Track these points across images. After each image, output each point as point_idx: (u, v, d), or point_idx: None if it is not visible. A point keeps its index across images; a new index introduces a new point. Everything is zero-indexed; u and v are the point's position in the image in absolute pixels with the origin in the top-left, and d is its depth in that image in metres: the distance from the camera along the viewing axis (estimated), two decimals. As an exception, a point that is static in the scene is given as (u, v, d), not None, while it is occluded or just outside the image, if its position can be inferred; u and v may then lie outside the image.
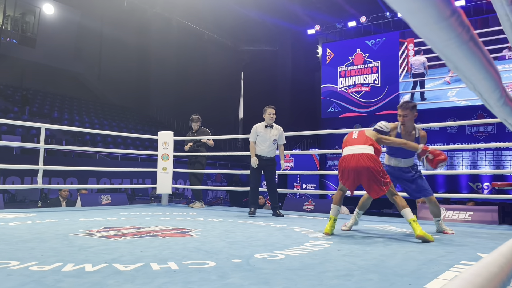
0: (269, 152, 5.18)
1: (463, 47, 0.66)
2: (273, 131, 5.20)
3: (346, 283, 1.79)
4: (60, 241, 2.80)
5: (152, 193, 12.54)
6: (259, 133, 5.17)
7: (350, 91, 14.55)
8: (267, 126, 5.19)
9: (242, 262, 2.19)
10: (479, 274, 0.63)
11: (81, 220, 4.22)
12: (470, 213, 4.68)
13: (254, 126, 5.24)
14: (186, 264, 2.12)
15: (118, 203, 6.53)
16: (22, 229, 3.39)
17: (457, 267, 2.16)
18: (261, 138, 5.15)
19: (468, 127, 12.34)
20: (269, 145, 5.16)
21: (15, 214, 4.70)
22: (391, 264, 2.23)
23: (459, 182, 12.35)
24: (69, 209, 5.86)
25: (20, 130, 13.18)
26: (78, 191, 8.14)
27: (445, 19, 0.58)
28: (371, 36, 14.59)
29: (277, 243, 2.90)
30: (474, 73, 0.77)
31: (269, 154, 5.19)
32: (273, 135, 5.18)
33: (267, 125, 5.19)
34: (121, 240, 2.93)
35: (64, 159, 12.44)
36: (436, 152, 3.60)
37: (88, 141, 15.10)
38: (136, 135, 9.01)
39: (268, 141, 5.15)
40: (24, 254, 2.32)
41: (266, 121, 5.20)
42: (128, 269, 1.98)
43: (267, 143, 5.14)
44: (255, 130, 5.20)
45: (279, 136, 5.23)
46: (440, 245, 2.95)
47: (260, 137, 5.15)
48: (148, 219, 4.50)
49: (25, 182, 10.80)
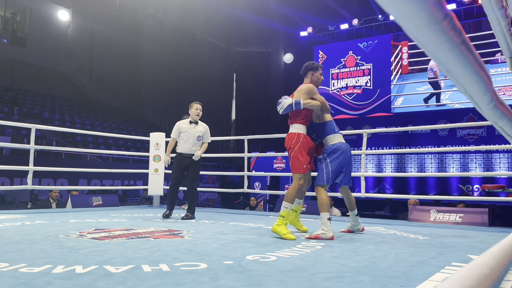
0: (193, 150, 4.94)
1: (455, 51, 0.66)
2: (198, 127, 5.02)
3: (338, 285, 1.80)
4: (50, 243, 2.77)
5: (143, 194, 12.47)
6: (182, 130, 4.97)
7: (342, 93, 14.61)
8: (192, 122, 4.99)
9: (234, 264, 2.19)
10: (470, 276, 0.63)
11: (72, 221, 4.19)
12: (460, 215, 4.72)
13: (177, 123, 5.06)
14: (177, 266, 2.11)
15: (109, 205, 6.49)
16: (11, 231, 3.35)
17: (448, 269, 2.17)
18: (184, 134, 4.94)
19: (459, 129, 12.45)
20: (193, 142, 4.94)
21: (4, 215, 4.65)
22: (382, 266, 2.24)
23: (450, 184, 12.46)
24: (59, 211, 5.81)
25: (10, 131, 13.04)
26: (68, 192, 8.07)
27: (438, 23, 0.58)
28: (363, 39, 14.68)
29: (269, 245, 2.90)
30: (466, 77, 0.77)
31: (193, 151, 4.94)
32: (198, 132, 4.98)
33: (191, 121, 5.00)
34: (112, 241, 2.91)
35: (55, 160, 12.33)
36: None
37: (79, 142, 14.99)
38: (128, 136, 8.96)
39: (192, 137, 4.93)
40: (14, 256, 2.29)
41: (192, 117, 5.01)
42: (119, 271, 1.97)
43: (191, 140, 4.93)
44: (177, 127, 5.02)
45: (204, 133, 5.05)
46: (431, 247, 2.98)
47: (184, 133, 4.95)
48: (139, 220, 4.48)
49: (14, 183, 10.68)
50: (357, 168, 13.68)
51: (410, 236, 3.59)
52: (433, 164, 12.76)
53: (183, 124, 5.00)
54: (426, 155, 12.84)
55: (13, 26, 20.67)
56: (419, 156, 13.00)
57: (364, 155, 5.59)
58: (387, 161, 13.56)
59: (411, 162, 13.17)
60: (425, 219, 4.88)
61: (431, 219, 4.85)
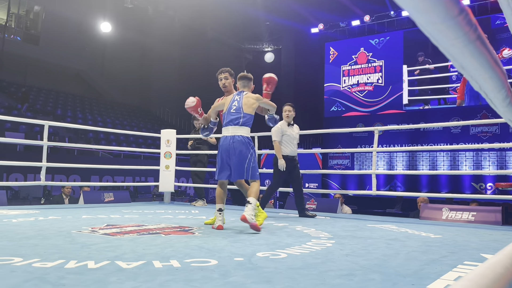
0: (295, 151, 5.05)
1: (470, 46, 0.65)
2: (295, 129, 5.08)
3: (349, 283, 1.79)
4: (63, 238, 2.81)
5: (154, 191, 12.56)
6: (285, 132, 4.95)
7: (353, 90, 14.52)
8: (289, 124, 5.03)
9: (244, 261, 2.19)
10: (486, 275, 0.62)
11: (84, 217, 4.23)
12: (473, 214, 4.66)
13: (278, 125, 4.92)
14: (188, 262, 2.12)
15: (120, 201, 6.54)
16: (25, 226, 3.40)
17: (461, 268, 2.15)
18: (287, 137, 4.95)
19: (472, 127, 12.28)
20: (296, 143, 5.04)
21: (18, 211, 4.72)
22: (393, 264, 2.23)
23: (462, 182, 12.31)
24: (72, 206, 5.88)
25: (23, 127, 13.22)
26: (81, 189, 8.16)
27: (453, 18, 0.57)
28: (375, 35, 14.55)
29: (279, 242, 2.89)
30: (481, 73, 0.76)
31: (295, 153, 5.06)
32: (297, 133, 5.08)
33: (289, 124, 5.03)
34: (123, 237, 2.94)
35: (67, 156, 12.48)
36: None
37: (91, 139, 15.14)
38: (139, 133, 9.01)
39: (295, 140, 5.02)
40: (27, 250, 2.32)
41: (285, 120, 5.02)
42: (130, 266, 1.98)
43: (295, 141, 5.01)
44: (280, 129, 4.94)
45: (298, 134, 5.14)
46: (443, 245, 2.94)
47: (288, 136, 4.95)
48: (150, 217, 4.51)
49: (28, 179, 10.83)
50: (368, 166, 13.59)
51: (422, 234, 3.55)
52: (446, 162, 12.62)
53: (284, 126, 4.98)
54: (438, 153, 12.70)
55: (27, 24, 20.94)
56: (431, 154, 12.86)
57: (375, 153, 5.54)
58: (398, 158, 13.45)
59: (423, 159, 13.04)
60: (437, 218, 4.83)
61: (443, 217, 4.80)
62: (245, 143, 3.55)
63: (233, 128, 3.60)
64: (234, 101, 3.73)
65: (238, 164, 3.53)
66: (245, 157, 3.52)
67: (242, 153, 3.52)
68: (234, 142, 3.54)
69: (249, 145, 3.57)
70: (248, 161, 3.53)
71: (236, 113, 3.64)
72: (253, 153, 3.58)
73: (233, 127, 3.61)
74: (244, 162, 3.52)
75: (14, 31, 20.17)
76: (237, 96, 3.78)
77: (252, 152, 3.57)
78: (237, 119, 3.63)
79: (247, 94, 3.78)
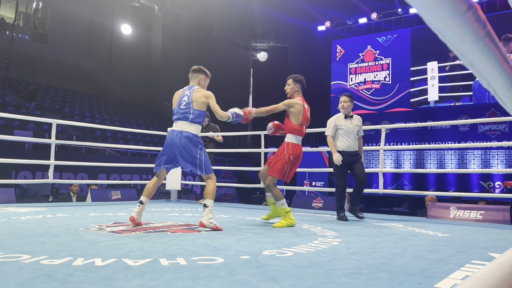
0: (356, 146, 4.56)
1: (478, 43, 0.64)
2: (354, 121, 4.58)
3: (355, 282, 1.78)
4: (70, 236, 2.83)
5: (161, 189, 12.60)
6: (339, 126, 4.54)
7: (360, 88, 14.46)
8: (347, 116, 4.57)
9: (250, 259, 2.19)
10: (494, 274, 0.61)
11: (91, 215, 4.26)
12: (481, 212, 4.62)
13: (332, 118, 4.64)
14: (194, 260, 2.13)
15: (127, 199, 6.58)
16: (33, 223, 3.43)
17: (468, 267, 2.13)
18: (344, 130, 4.52)
19: (480, 125, 12.18)
20: (355, 137, 4.54)
21: (26, 208, 4.76)
22: (400, 263, 2.22)
23: (470, 181, 12.22)
24: (79, 204, 5.92)
25: (32, 126, 13.32)
26: (88, 186, 8.21)
27: (461, 14, 0.57)
28: (382, 33, 14.48)
29: (285, 240, 2.89)
30: (490, 70, 0.75)
31: (354, 148, 4.55)
32: (356, 126, 4.56)
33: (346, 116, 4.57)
34: (130, 235, 2.95)
35: (75, 155, 12.55)
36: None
37: (98, 137, 15.22)
38: (146, 131, 9.05)
39: (353, 133, 4.52)
40: (35, 248, 2.34)
41: (341, 111, 4.61)
42: (137, 264, 1.99)
43: (352, 135, 4.52)
44: (333, 123, 4.57)
45: (360, 125, 4.63)
46: (450, 244, 2.93)
47: (343, 129, 4.52)
48: (157, 214, 4.53)
49: (36, 177, 10.92)
50: (375, 164, 13.54)
51: (429, 233, 3.53)
52: (453, 160, 12.54)
53: (339, 119, 4.58)
54: (446, 151, 12.61)
55: (35, 22, 21.08)
56: (438, 152, 12.78)
57: (383, 151, 5.51)
58: (405, 157, 13.38)
59: (431, 158, 12.96)
60: (445, 216, 4.80)
61: (450, 216, 4.77)
62: (193, 140, 3.40)
63: (182, 123, 3.46)
64: (184, 96, 3.56)
65: (188, 161, 3.41)
66: (195, 153, 3.38)
67: (190, 149, 3.38)
68: (182, 138, 3.40)
69: (197, 142, 3.43)
70: (200, 156, 3.38)
71: (186, 108, 3.49)
72: (202, 148, 3.43)
73: (181, 122, 3.46)
74: (195, 158, 3.38)
75: (22, 30, 20.32)
76: (187, 90, 3.59)
77: (201, 147, 3.42)
78: (185, 114, 3.47)
79: (197, 89, 3.58)
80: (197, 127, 3.49)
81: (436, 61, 13.19)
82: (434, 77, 13.22)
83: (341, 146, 4.49)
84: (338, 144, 4.50)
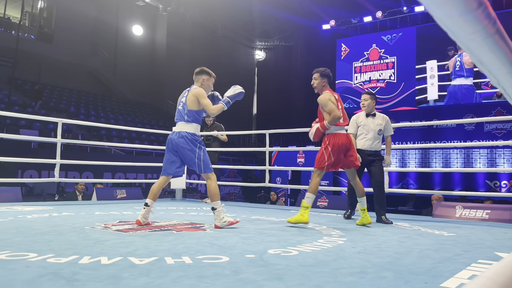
0: (373, 145, 4.39)
1: (488, 40, 0.63)
2: (377, 120, 4.44)
3: (361, 281, 1.78)
4: (76, 234, 2.84)
5: (166, 187, 12.64)
6: (360, 124, 4.45)
7: (365, 87, 14.41)
8: (368, 115, 4.46)
9: (255, 258, 2.19)
10: (503, 273, 0.61)
11: (97, 213, 4.28)
12: (487, 212, 4.60)
13: (354, 116, 4.57)
14: (200, 258, 2.13)
15: (133, 197, 6.60)
16: (39, 222, 3.45)
17: (474, 266, 2.12)
18: (363, 128, 4.42)
19: (486, 124, 12.10)
20: (374, 136, 4.38)
21: (33, 207, 4.79)
22: (406, 262, 2.21)
23: (476, 180, 12.15)
24: (85, 203, 5.95)
25: (37, 125, 13.40)
26: (94, 185, 8.25)
27: (471, 11, 0.56)
28: (387, 31, 14.42)
29: (290, 239, 2.89)
30: (499, 67, 0.74)
31: (373, 147, 4.39)
32: (378, 124, 4.41)
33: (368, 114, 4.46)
34: (136, 234, 2.96)
35: (80, 154, 12.61)
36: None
37: (103, 136, 15.28)
38: (151, 130, 9.07)
39: (372, 132, 4.39)
40: (42, 246, 2.36)
41: (363, 110, 4.51)
42: (143, 262, 2.00)
43: (371, 134, 4.38)
44: (354, 120, 4.50)
45: (385, 125, 4.44)
46: (456, 243, 2.91)
47: (363, 127, 4.42)
48: (162, 213, 4.54)
49: (42, 175, 10.98)
50: (380, 163, 13.50)
51: (435, 232, 3.52)
52: (459, 159, 12.47)
53: (361, 117, 4.49)
54: (452, 150, 12.55)
55: (40, 22, 21.18)
56: (444, 151, 12.72)
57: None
58: (411, 156, 13.33)
59: (436, 157, 12.90)
60: (450, 215, 4.78)
61: (456, 215, 4.75)
62: (190, 139, 3.46)
63: (180, 124, 3.55)
64: (182, 96, 3.66)
65: (188, 160, 3.49)
66: (193, 152, 3.45)
67: (187, 149, 3.45)
68: (178, 138, 3.48)
69: (195, 141, 3.48)
70: (197, 155, 3.45)
71: (182, 109, 3.57)
72: (201, 147, 3.49)
73: (180, 123, 3.55)
74: (193, 158, 3.45)
75: (28, 29, 20.43)
76: (186, 92, 3.68)
77: (199, 146, 3.48)
78: (182, 115, 3.56)
79: (193, 89, 3.62)
80: (194, 126, 3.53)
81: (436, 60, 13.17)
82: (434, 75, 13.18)
83: (358, 145, 4.39)
84: (357, 142, 4.41)
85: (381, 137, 4.46)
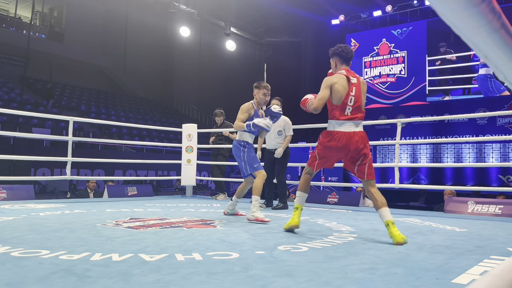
0: (275, 144, 5.22)
1: (493, 35, 0.62)
2: (278, 121, 4.88)
3: (371, 277, 1.77)
4: (88, 231, 2.88)
5: (176, 184, 12.70)
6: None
7: (375, 82, 14.29)
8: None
9: (265, 254, 2.20)
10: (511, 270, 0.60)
11: (108, 211, 4.32)
12: (500, 207, 4.54)
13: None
14: (210, 255, 2.14)
15: (143, 195, 6.65)
16: (52, 219, 3.50)
17: (487, 262, 2.10)
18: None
19: (499, 118, 11.92)
20: (275, 137, 5.18)
21: (45, 204, 4.85)
22: (417, 258, 2.20)
23: (489, 175, 12.00)
24: (96, 200, 6.01)
25: (49, 123, 13.55)
26: (105, 183, 8.32)
27: (475, 6, 0.55)
28: (397, 26, 14.26)
29: (300, 236, 2.89)
30: (505, 62, 0.73)
31: (275, 146, 5.23)
32: (278, 126, 5.10)
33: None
34: (146, 231, 2.99)
35: (92, 151, 12.73)
36: None
37: (114, 134, 15.40)
38: (161, 127, 9.12)
39: (273, 133, 5.13)
40: (54, 243, 2.39)
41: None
42: (153, 259, 2.02)
43: (272, 135, 5.16)
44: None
45: (284, 126, 5.17)
46: (468, 239, 2.88)
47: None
48: (173, 210, 4.57)
49: (54, 173, 11.11)
50: (391, 159, 13.41)
51: (447, 228, 3.49)
52: (471, 154, 12.32)
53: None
54: (464, 145, 12.39)
55: (51, 21, 21.39)
56: (456, 146, 12.57)
57: (398, 145, 5.46)
58: (422, 151, 13.20)
59: (448, 152, 12.76)
60: (462, 211, 4.73)
61: (468, 210, 4.70)
62: (236, 146, 3.99)
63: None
64: None
65: (239, 164, 4.02)
66: (239, 157, 3.96)
67: (236, 155, 4.00)
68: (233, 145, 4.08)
69: (239, 146, 3.96)
70: (242, 158, 3.94)
71: None
72: (244, 150, 3.93)
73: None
74: (240, 162, 3.96)
75: (39, 29, 20.64)
76: None
77: (243, 150, 3.94)
78: None
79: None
80: (240, 134, 4.01)
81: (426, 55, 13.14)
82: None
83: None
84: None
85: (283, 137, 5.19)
